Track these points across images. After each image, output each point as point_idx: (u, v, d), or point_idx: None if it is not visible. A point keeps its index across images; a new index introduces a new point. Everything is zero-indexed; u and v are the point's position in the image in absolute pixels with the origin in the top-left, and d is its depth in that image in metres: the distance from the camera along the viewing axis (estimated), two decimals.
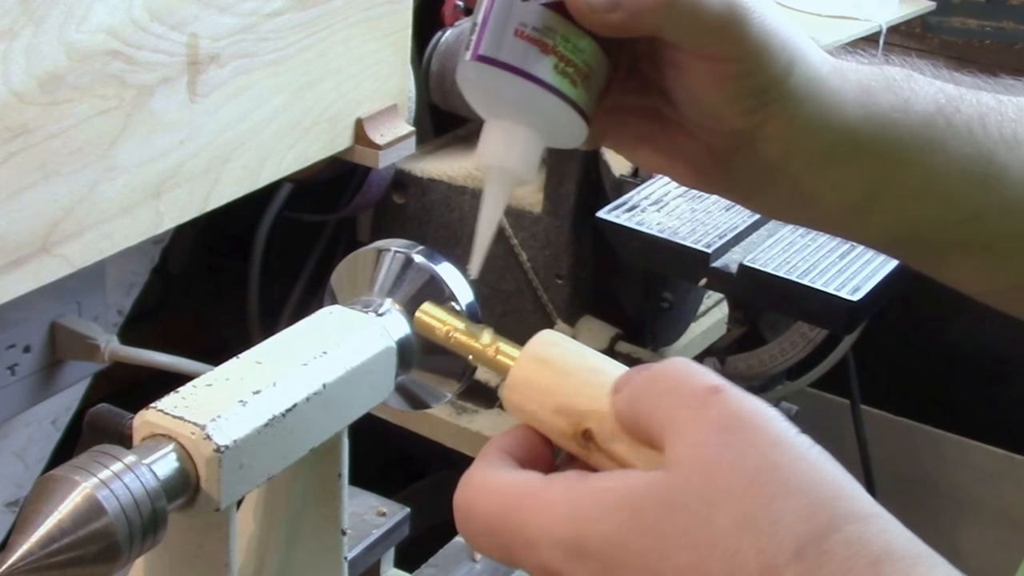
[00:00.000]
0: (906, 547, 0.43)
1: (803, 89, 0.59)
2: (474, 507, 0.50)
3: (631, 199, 1.22)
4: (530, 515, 0.48)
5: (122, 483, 0.63)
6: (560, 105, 0.56)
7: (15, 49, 0.86)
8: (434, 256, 0.82)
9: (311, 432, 0.72)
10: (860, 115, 0.61)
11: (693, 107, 0.60)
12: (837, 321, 1.15)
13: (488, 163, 0.57)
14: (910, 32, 1.83)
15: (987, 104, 0.64)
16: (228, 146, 1.05)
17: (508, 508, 0.49)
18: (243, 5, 1.02)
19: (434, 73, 1.41)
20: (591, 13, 0.55)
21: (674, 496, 0.45)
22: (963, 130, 0.63)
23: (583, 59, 0.56)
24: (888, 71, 0.63)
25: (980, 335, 2.00)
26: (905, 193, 0.63)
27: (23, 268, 0.91)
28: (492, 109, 0.57)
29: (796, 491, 0.44)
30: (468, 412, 1.43)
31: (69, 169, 0.92)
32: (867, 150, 0.62)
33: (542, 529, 0.47)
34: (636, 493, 0.46)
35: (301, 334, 0.76)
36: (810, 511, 0.44)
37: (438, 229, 1.42)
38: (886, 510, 0.46)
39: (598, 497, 0.47)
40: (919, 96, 0.63)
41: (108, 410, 0.86)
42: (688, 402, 0.47)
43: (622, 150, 0.67)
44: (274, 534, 0.80)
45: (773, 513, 0.44)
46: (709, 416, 0.47)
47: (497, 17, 0.55)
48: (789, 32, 0.59)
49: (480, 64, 0.55)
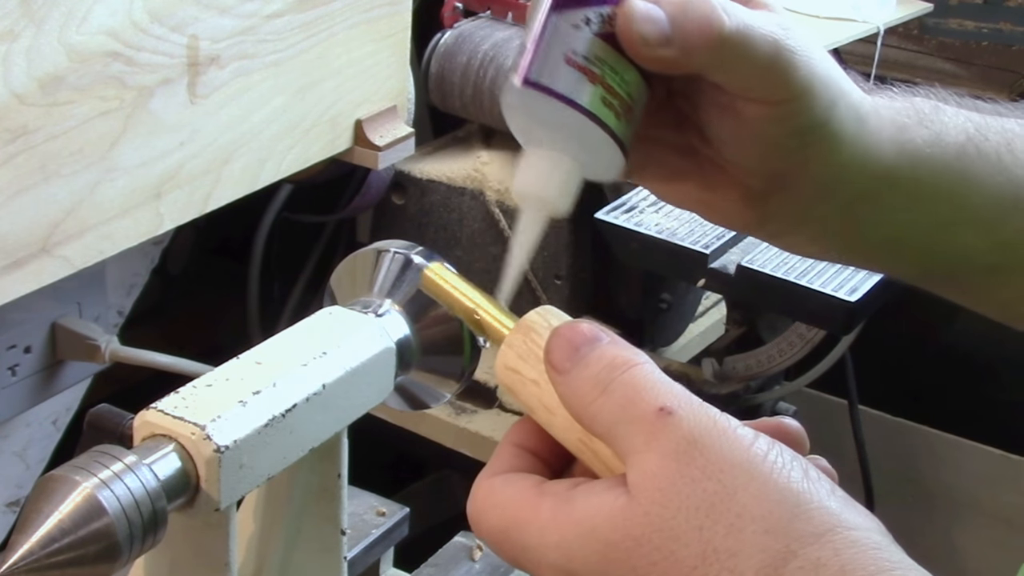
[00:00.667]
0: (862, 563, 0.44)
1: (843, 131, 0.59)
2: (483, 521, 0.52)
3: (630, 200, 1.22)
4: (527, 538, 0.50)
5: (122, 483, 0.63)
6: (603, 137, 0.55)
7: (16, 50, 0.86)
8: (433, 257, 0.82)
9: (311, 432, 0.72)
10: (895, 153, 0.61)
11: (732, 147, 0.58)
12: (835, 322, 1.16)
13: (526, 192, 0.57)
14: (907, 34, 1.83)
15: (1012, 130, 0.64)
16: (228, 147, 1.05)
17: (509, 527, 0.50)
18: (243, 7, 1.02)
19: (433, 74, 1.42)
20: (643, 47, 0.54)
21: (638, 529, 0.46)
22: (992, 158, 0.63)
23: (627, 91, 0.55)
24: (917, 104, 0.63)
25: (977, 336, 2.00)
26: (936, 225, 0.63)
27: (24, 269, 0.91)
28: (533, 136, 0.57)
29: (752, 518, 0.45)
30: (467, 412, 1.43)
31: (69, 170, 0.92)
32: (901, 188, 0.61)
33: (538, 551, 0.49)
34: (605, 525, 0.47)
35: (301, 335, 0.76)
36: (768, 538, 0.44)
37: (437, 230, 1.42)
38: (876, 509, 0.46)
39: (577, 527, 0.48)
40: (948, 128, 0.62)
41: (108, 410, 0.86)
42: (640, 430, 0.48)
43: (652, 185, 0.65)
44: (274, 534, 0.80)
45: (730, 545, 0.45)
46: (661, 443, 0.47)
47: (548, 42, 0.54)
48: (832, 72, 0.58)
49: (527, 89, 0.54)
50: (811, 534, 0.44)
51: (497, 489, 0.52)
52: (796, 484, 0.46)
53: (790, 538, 0.44)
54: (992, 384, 2.02)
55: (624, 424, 0.48)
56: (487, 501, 0.52)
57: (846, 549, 0.44)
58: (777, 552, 0.44)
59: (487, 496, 0.52)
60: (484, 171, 1.41)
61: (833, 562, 0.44)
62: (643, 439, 0.47)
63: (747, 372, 1.28)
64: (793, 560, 0.44)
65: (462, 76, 1.40)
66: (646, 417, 0.48)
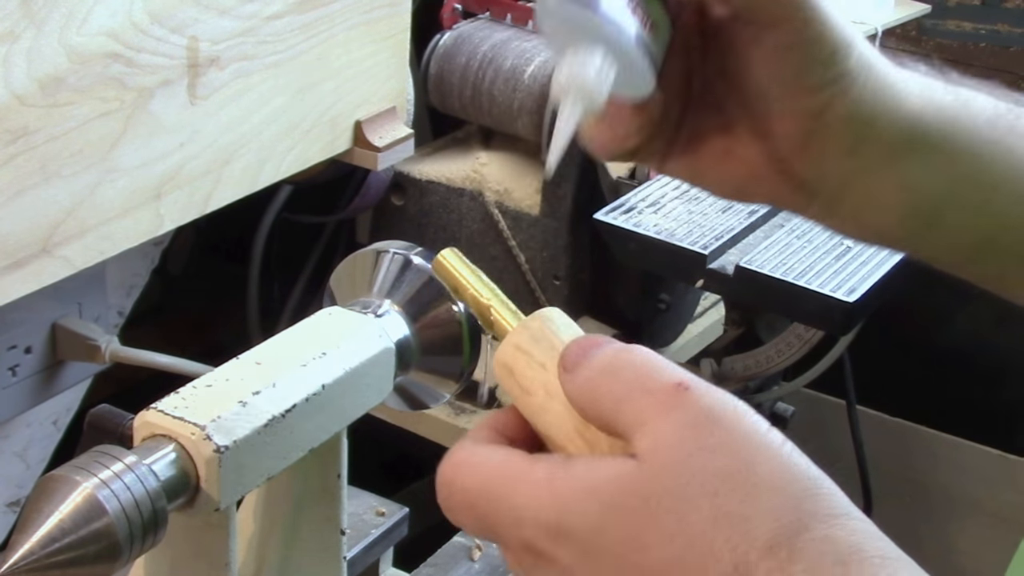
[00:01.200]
0: (875, 547, 0.44)
1: (865, 70, 0.59)
2: (457, 479, 0.50)
3: (628, 201, 1.22)
4: (514, 495, 0.48)
5: (123, 483, 0.63)
6: (632, 46, 0.57)
7: (16, 52, 0.87)
8: (432, 257, 0.82)
9: (310, 432, 0.73)
10: (924, 107, 0.60)
11: (761, 91, 0.59)
12: (833, 322, 1.16)
13: (564, 85, 0.58)
14: (905, 35, 1.83)
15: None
16: (228, 148, 1.06)
17: (492, 485, 0.49)
18: (243, 8, 1.03)
19: (433, 75, 1.42)
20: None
21: (646, 490, 0.46)
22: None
23: (651, 12, 0.58)
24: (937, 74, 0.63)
25: (975, 337, 2.00)
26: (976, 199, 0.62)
27: (24, 269, 0.91)
28: (566, 41, 0.59)
29: (768, 490, 0.45)
30: (467, 412, 1.44)
31: (70, 171, 0.93)
32: (937, 149, 0.61)
33: (527, 509, 0.48)
34: (610, 485, 0.47)
35: (300, 335, 0.76)
36: (782, 510, 0.45)
37: (436, 231, 1.42)
38: (874, 509, 0.46)
39: (576, 484, 0.47)
40: (976, 98, 0.62)
41: (109, 411, 0.86)
42: (656, 400, 0.47)
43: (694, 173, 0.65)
44: (274, 534, 0.80)
45: (745, 511, 0.45)
46: (680, 414, 0.47)
47: None
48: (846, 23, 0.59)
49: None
50: (824, 514, 0.45)
51: (480, 452, 0.51)
52: (811, 470, 0.46)
53: (804, 512, 0.45)
54: (989, 384, 2.03)
55: (637, 397, 0.48)
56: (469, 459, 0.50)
57: (857, 532, 0.44)
58: (791, 522, 0.44)
59: (469, 456, 0.50)
60: (483, 172, 1.41)
61: (848, 540, 0.44)
62: (657, 410, 0.47)
63: (746, 372, 1.28)
64: (806, 533, 0.44)
65: (461, 77, 1.41)
66: (664, 389, 0.47)
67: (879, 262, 1.14)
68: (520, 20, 1.45)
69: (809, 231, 1.19)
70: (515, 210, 1.36)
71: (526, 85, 1.37)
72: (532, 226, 1.35)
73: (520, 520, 0.48)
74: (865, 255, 1.14)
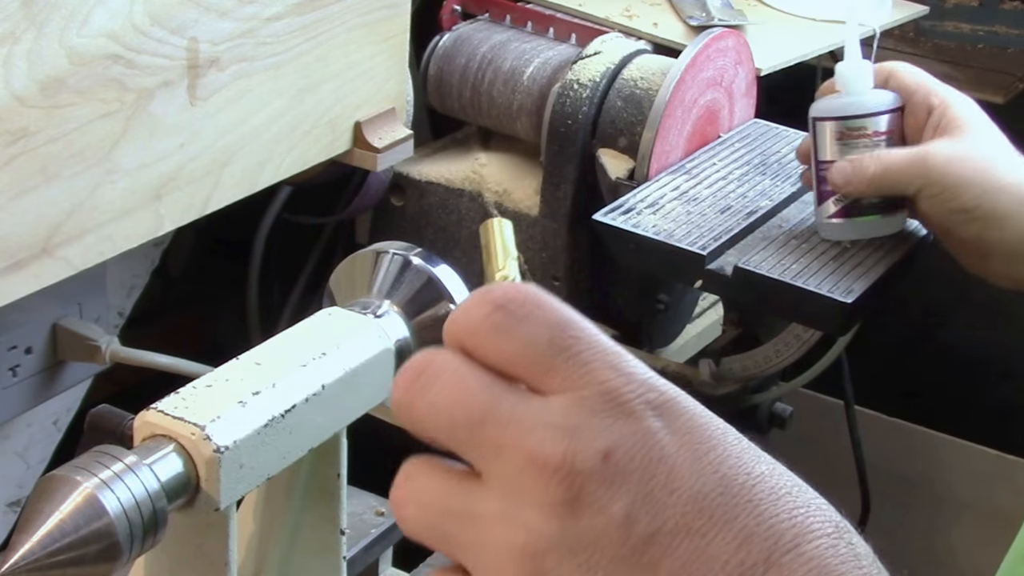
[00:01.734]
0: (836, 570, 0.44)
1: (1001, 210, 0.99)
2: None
3: (627, 202, 1.22)
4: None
5: (123, 483, 0.63)
6: None
7: (16, 53, 0.87)
8: (432, 258, 0.83)
9: (310, 432, 0.73)
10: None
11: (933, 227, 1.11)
12: (831, 323, 1.16)
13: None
14: (903, 36, 1.83)
15: None
16: (228, 149, 1.06)
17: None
18: (243, 10, 1.03)
19: (432, 77, 1.42)
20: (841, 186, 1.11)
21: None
22: None
23: None
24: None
25: (973, 337, 2.00)
26: None
27: (24, 270, 0.91)
28: None
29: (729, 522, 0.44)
30: None
31: (70, 172, 0.93)
32: None
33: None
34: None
35: (300, 335, 0.77)
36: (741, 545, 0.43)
37: (436, 231, 1.42)
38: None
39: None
40: None
41: (109, 411, 0.87)
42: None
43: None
44: (274, 534, 0.81)
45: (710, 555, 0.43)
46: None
47: None
48: (981, 173, 1.01)
49: None
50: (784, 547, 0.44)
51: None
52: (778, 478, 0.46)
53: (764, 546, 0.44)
54: (987, 384, 2.03)
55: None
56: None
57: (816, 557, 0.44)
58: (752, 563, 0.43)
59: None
60: (483, 173, 1.41)
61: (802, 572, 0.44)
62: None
63: (744, 373, 1.28)
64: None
65: (460, 78, 1.41)
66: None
67: (876, 263, 1.14)
68: (519, 21, 1.45)
69: (808, 232, 1.19)
70: (514, 211, 1.36)
71: (525, 86, 1.37)
72: (531, 227, 1.35)
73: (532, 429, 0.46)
74: (863, 256, 1.15)
